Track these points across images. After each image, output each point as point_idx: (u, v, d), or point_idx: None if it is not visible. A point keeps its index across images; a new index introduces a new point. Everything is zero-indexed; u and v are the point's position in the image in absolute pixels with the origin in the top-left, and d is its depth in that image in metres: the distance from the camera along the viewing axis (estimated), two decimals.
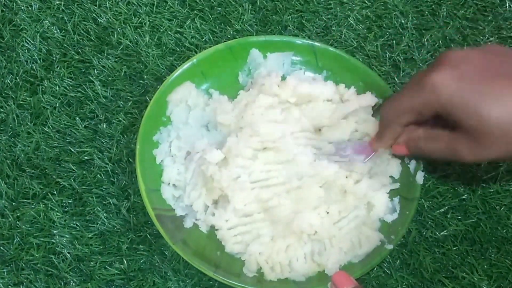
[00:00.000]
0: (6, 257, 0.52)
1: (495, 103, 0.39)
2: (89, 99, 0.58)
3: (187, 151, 0.54)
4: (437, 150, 0.45)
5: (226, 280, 0.48)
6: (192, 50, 0.60)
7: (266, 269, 0.49)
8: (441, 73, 0.41)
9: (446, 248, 0.52)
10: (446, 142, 0.44)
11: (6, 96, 0.58)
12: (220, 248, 0.51)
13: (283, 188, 0.50)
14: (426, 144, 0.46)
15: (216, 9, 0.63)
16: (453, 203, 0.54)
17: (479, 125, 0.40)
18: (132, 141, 0.56)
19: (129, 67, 0.60)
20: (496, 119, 0.39)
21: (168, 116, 0.55)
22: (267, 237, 0.50)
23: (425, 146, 0.46)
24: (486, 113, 0.39)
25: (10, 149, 0.56)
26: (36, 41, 0.61)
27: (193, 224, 0.52)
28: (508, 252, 0.52)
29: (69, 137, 0.57)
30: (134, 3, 0.62)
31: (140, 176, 0.51)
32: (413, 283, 0.51)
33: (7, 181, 0.55)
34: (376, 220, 0.51)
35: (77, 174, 0.55)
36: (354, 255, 0.50)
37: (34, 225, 0.53)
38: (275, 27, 0.62)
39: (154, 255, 0.52)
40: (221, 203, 0.51)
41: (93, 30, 0.61)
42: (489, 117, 0.39)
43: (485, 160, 0.44)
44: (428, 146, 0.46)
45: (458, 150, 0.42)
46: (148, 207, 0.50)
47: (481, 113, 0.39)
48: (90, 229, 0.53)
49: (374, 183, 0.52)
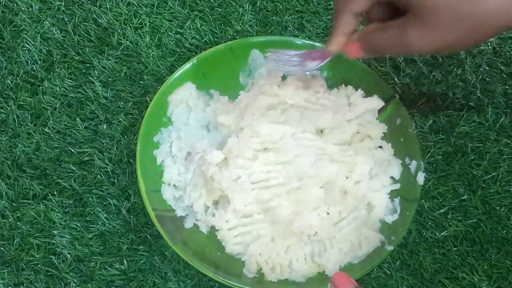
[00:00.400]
0: (7, 257, 0.52)
1: None
2: (90, 99, 0.58)
3: (187, 151, 0.54)
4: (388, 41, 0.40)
5: (226, 281, 0.48)
6: (193, 50, 0.61)
7: (266, 269, 0.49)
8: None
9: (446, 248, 0.52)
10: (395, 29, 0.39)
11: (7, 96, 0.58)
12: (220, 248, 0.51)
13: (283, 189, 0.50)
14: (378, 37, 0.41)
15: (216, 10, 0.63)
16: (453, 203, 0.54)
17: (426, 1, 0.36)
18: (132, 141, 0.56)
19: (129, 67, 0.60)
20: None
21: (168, 117, 0.55)
22: (267, 237, 0.50)
23: (377, 39, 0.41)
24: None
25: (10, 149, 0.56)
26: (36, 41, 0.61)
27: (193, 224, 0.52)
28: (508, 253, 0.52)
29: (70, 138, 0.57)
30: (134, 4, 0.63)
31: (141, 177, 0.51)
32: (413, 283, 0.51)
33: (7, 182, 0.55)
34: (377, 221, 0.51)
35: (78, 174, 0.55)
36: (354, 256, 0.50)
37: (35, 225, 0.53)
38: (275, 27, 0.62)
39: (154, 256, 0.52)
40: (221, 204, 0.52)
41: (93, 31, 0.61)
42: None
43: (434, 48, 0.38)
44: (380, 39, 0.40)
45: (407, 36, 0.38)
46: (149, 208, 0.50)
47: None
48: (90, 229, 0.53)
49: (375, 183, 0.52)
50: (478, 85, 0.59)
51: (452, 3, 0.35)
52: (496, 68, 0.60)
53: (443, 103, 0.58)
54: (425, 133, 0.57)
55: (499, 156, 0.56)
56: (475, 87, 0.59)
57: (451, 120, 0.57)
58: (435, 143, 0.56)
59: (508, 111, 0.58)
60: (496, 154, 0.56)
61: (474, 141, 0.57)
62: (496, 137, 0.57)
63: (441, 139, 0.57)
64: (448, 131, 0.57)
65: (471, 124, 0.57)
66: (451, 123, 0.57)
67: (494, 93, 0.59)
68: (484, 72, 0.60)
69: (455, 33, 0.36)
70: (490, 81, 0.60)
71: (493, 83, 0.59)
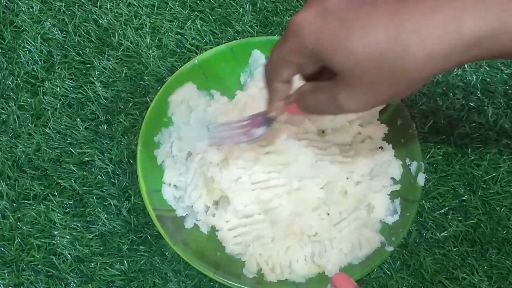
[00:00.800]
0: (7, 258, 0.52)
1: (361, 34, 0.33)
2: (90, 100, 0.58)
3: (188, 152, 0.54)
4: (321, 103, 0.39)
5: (226, 281, 0.48)
6: (193, 51, 0.61)
7: (266, 270, 0.49)
8: (303, 12, 0.35)
9: (446, 249, 0.52)
10: (327, 93, 0.38)
11: (7, 97, 0.59)
12: (220, 249, 0.51)
13: (283, 190, 0.50)
14: (312, 98, 0.40)
15: (217, 10, 0.63)
16: (453, 204, 0.54)
17: (349, 65, 0.34)
18: (132, 142, 0.56)
19: (129, 68, 0.60)
20: (363, 55, 0.33)
21: (169, 117, 0.55)
22: (267, 238, 0.50)
23: (311, 100, 0.40)
24: (352, 49, 0.33)
25: (11, 150, 0.56)
26: (37, 42, 0.61)
27: (194, 224, 0.52)
28: (508, 253, 0.52)
29: (70, 138, 0.57)
30: (135, 4, 0.63)
31: (141, 177, 0.51)
32: (414, 284, 0.51)
33: (8, 182, 0.55)
34: (377, 222, 0.51)
35: (78, 175, 0.55)
36: (354, 256, 0.50)
37: (35, 226, 0.53)
38: (275, 28, 0.62)
39: (155, 256, 0.52)
40: (221, 204, 0.52)
41: (94, 31, 0.61)
42: (357, 52, 0.33)
43: (367, 107, 0.37)
44: (313, 100, 0.40)
45: (338, 99, 0.37)
46: (149, 208, 0.50)
47: (347, 50, 0.34)
48: (90, 230, 0.53)
49: (375, 184, 0.52)
50: (479, 85, 0.59)
51: (375, 65, 0.34)
52: (497, 68, 0.60)
53: (443, 104, 0.58)
54: (425, 134, 0.57)
55: (499, 157, 0.56)
56: (476, 87, 0.59)
57: (451, 120, 0.57)
58: (435, 144, 0.56)
59: (508, 111, 0.58)
60: (496, 154, 0.56)
61: (474, 141, 0.57)
62: (497, 137, 0.57)
63: (441, 139, 0.57)
64: (448, 132, 0.57)
65: (471, 124, 0.57)
66: (451, 124, 0.57)
67: (495, 93, 0.59)
68: (485, 72, 0.60)
69: (385, 92, 0.35)
70: (491, 82, 0.60)
71: (494, 84, 0.59)
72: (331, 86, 0.37)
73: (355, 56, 0.33)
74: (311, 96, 0.40)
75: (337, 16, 0.34)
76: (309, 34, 0.35)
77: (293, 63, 0.38)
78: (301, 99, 0.41)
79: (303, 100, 0.41)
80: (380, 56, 0.33)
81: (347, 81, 0.35)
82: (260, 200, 0.50)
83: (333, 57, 0.34)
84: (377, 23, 0.33)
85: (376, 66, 0.33)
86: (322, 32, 0.34)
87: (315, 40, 0.35)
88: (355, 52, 0.33)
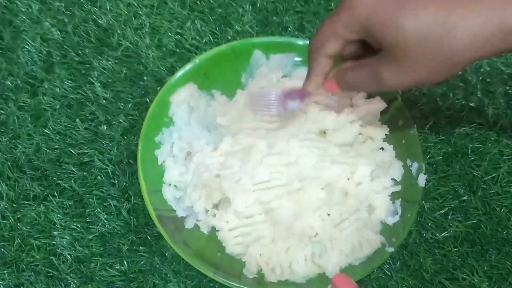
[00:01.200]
0: (7, 258, 0.52)
1: (412, 17, 0.36)
2: (89, 100, 0.58)
3: (187, 151, 0.54)
4: (362, 78, 0.42)
5: (227, 282, 0.48)
6: (192, 51, 0.61)
7: (267, 270, 0.49)
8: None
9: (446, 249, 0.52)
10: (369, 68, 0.41)
11: (7, 98, 0.59)
12: (220, 249, 0.51)
13: (284, 190, 0.50)
14: (353, 75, 0.42)
15: (217, 11, 0.63)
16: (453, 204, 0.54)
17: (397, 41, 0.37)
18: (132, 142, 0.56)
19: (129, 68, 0.60)
20: (413, 33, 0.36)
21: (170, 117, 0.55)
22: (267, 238, 0.50)
23: (352, 77, 0.42)
24: (403, 27, 0.36)
25: (10, 150, 0.56)
26: (36, 43, 0.61)
27: (194, 225, 0.52)
28: (508, 254, 0.52)
29: (70, 139, 0.57)
30: (134, 4, 0.63)
31: (142, 177, 0.51)
32: (414, 284, 0.51)
33: (7, 183, 0.55)
34: (377, 223, 0.51)
35: (78, 175, 0.55)
36: (355, 257, 0.50)
37: (35, 226, 0.53)
38: (275, 28, 0.62)
39: (155, 257, 0.52)
40: (222, 205, 0.51)
41: (93, 31, 0.61)
42: (407, 31, 0.36)
43: (407, 84, 0.40)
44: (354, 76, 0.42)
45: (381, 74, 0.40)
46: (149, 208, 0.50)
47: (398, 27, 0.37)
48: (90, 230, 0.53)
49: (376, 185, 0.52)
50: (479, 86, 0.59)
51: (422, 43, 0.36)
52: (497, 69, 0.60)
53: (443, 104, 0.58)
54: (426, 134, 0.57)
55: (500, 157, 0.56)
56: (476, 88, 0.59)
57: (451, 121, 0.57)
58: (436, 144, 0.56)
59: (508, 112, 0.58)
60: (496, 155, 0.56)
61: (474, 142, 0.57)
62: (497, 138, 0.57)
63: (441, 139, 0.57)
64: (448, 132, 0.57)
65: (471, 125, 0.57)
66: (451, 124, 0.57)
67: (495, 93, 0.59)
68: (485, 73, 0.60)
69: (427, 71, 0.38)
70: (491, 82, 0.60)
71: (494, 84, 0.59)
72: (375, 62, 0.40)
73: (404, 33, 0.36)
74: (352, 72, 0.42)
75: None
76: (363, 10, 0.38)
77: (342, 38, 0.40)
78: (341, 75, 0.43)
79: (344, 77, 0.43)
80: (427, 36, 0.36)
81: (392, 57, 0.38)
82: (260, 201, 0.50)
83: (383, 33, 0.37)
84: (428, 6, 0.36)
85: (422, 45, 0.36)
86: (375, 9, 0.37)
87: (368, 16, 0.38)
88: (405, 30, 0.36)
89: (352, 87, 0.44)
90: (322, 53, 0.42)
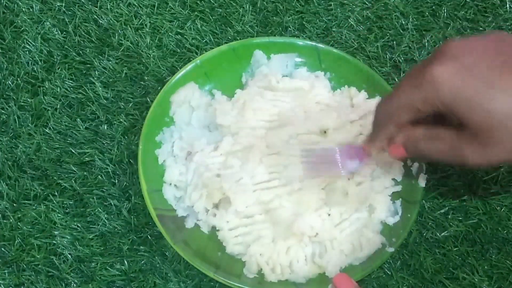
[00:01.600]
0: (7, 258, 0.52)
1: (503, 96, 0.35)
2: (90, 100, 0.58)
3: (187, 151, 0.54)
4: (439, 151, 0.41)
5: (227, 281, 0.48)
6: (193, 51, 0.61)
7: (267, 270, 0.49)
8: (441, 66, 0.37)
9: (446, 249, 0.52)
10: (450, 143, 0.40)
11: (7, 97, 0.59)
12: (221, 249, 0.51)
13: (284, 190, 0.50)
14: (426, 145, 0.41)
15: (217, 10, 0.63)
16: (453, 204, 0.54)
17: (486, 121, 0.36)
18: (133, 142, 0.56)
19: (130, 68, 0.60)
20: (504, 114, 0.35)
21: (171, 117, 0.55)
22: (268, 238, 0.50)
23: (426, 147, 0.41)
24: (492, 107, 0.35)
25: (11, 150, 0.56)
26: (37, 42, 0.61)
27: (194, 224, 0.52)
28: (508, 253, 0.52)
29: (70, 139, 0.57)
30: (135, 4, 0.63)
31: (142, 176, 0.51)
32: (414, 284, 0.51)
33: (8, 183, 0.55)
34: (378, 223, 0.51)
35: (78, 175, 0.55)
36: (355, 257, 0.50)
37: (35, 226, 0.53)
38: (275, 28, 0.62)
39: (155, 256, 0.52)
40: (222, 204, 0.52)
41: (94, 31, 0.61)
42: (495, 112, 0.35)
43: (492, 163, 0.39)
44: (429, 147, 0.41)
45: (463, 151, 0.39)
46: (150, 207, 0.50)
47: (487, 108, 0.36)
48: (91, 230, 0.53)
49: (376, 185, 0.52)
50: None
51: (506, 123, 0.36)
52: None
53: None
54: None
55: None
56: None
57: None
58: None
59: None
60: None
61: None
62: None
63: None
64: None
65: None
66: None
67: None
68: None
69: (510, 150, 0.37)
70: None
71: None
72: (455, 138, 0.39)
73: (492, 116, 0.36)
74: (427, 144, 0.41)
75: (477, 76, 0.36)
76: (446, 88, 0.36)
77: (418, 111, 0.39)
78: (411, 144, 0.42)
79: (416, 145, 0.42)
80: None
81: (477, 137, 0.37)
82: (261, 201, 0.50)
83: (470, 115, 0.36)
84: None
85: (509, 125, 0.36)
86: (460, 90, 0.36)
87: (451, 96, 0.36)
88: (493, 112, 0.36)
89: (425, 157, 0.43)
90: (393, 122, 0.42)
